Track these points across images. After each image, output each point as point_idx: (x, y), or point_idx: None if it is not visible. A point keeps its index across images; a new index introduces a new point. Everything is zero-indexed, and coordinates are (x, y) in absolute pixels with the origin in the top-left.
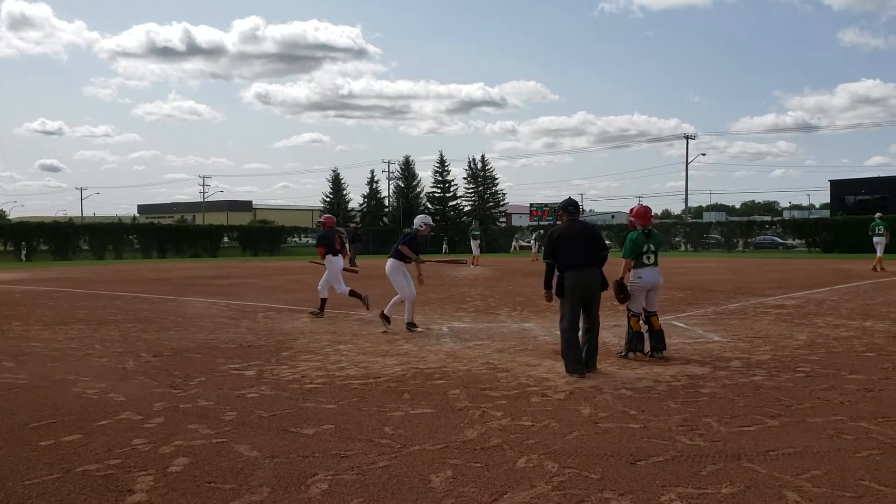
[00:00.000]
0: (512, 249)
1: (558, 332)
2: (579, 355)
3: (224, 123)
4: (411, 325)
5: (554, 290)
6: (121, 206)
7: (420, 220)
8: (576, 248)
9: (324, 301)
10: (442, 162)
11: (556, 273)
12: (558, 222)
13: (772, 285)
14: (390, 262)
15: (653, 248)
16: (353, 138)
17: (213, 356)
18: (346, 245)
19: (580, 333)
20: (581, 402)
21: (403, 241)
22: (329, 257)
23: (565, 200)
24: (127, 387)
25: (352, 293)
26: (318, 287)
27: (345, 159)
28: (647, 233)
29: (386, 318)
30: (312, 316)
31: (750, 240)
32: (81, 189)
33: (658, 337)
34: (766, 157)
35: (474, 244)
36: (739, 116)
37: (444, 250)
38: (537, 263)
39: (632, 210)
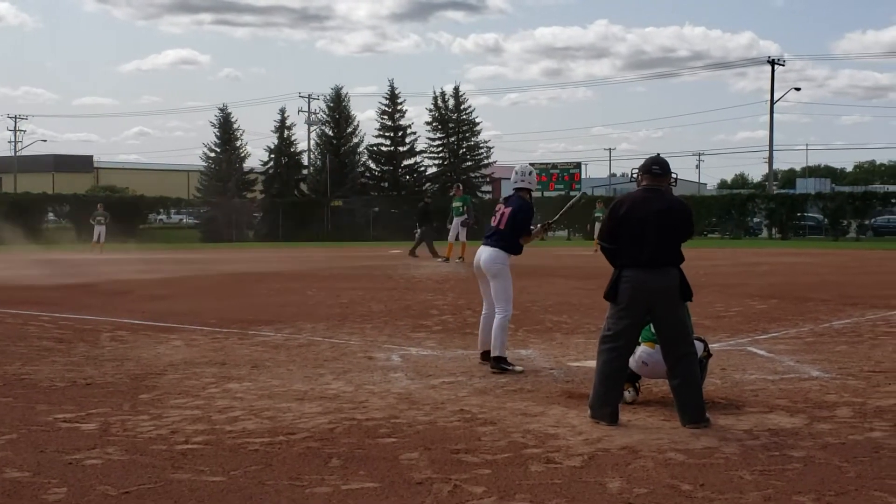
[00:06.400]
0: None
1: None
2: (615, 395)
3: (40, 33)
4: (505, 363)
5: (605, 290)
6: None
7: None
8: (645, 234)
9: None
10: (392, 97)
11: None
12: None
13: None
14: (496, 253)
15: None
16: (245, 58)
17: (29, 400)
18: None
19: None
20: (607, 471)
21: (521, 215)
22: None
23: (650, 158)
24: None
25: None
26: None
27: (236, 91)
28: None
29: (505, 362)
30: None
31: (867, 221)
32: None
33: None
34: (890, 94)
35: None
36: (846, 30)
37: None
38: (582, 259)
39: None
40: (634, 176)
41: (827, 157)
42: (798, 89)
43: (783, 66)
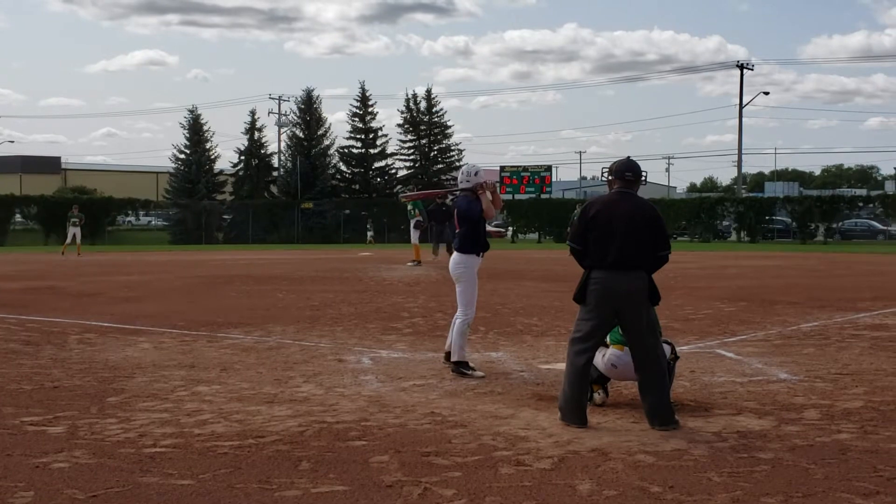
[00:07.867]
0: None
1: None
2: (583, 398)
3: (5, 34)
4: (465, 367)
5: (574, 293)
6: None
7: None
8: (614, 236)
9: None
10: (363, 99)
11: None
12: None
13: (867, 294)
14: (457, 257)
15: None
16: (213, 59)
17: None
18: None
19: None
20: (577, 473)
21: (463, 206)
22: None
23: (621, 161)
24: None
25: None
26: None
27: (205, 92)
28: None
29: (465, 367)
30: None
31: (835, 225)
32: None
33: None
34: (856, 99)
35: None
36: (812, 35)
37: (368, 239)
38: (552, 262)
39: None
40: (606, 178)
41: (795, 161)
42: (767, 93)
43: (752, 70)
